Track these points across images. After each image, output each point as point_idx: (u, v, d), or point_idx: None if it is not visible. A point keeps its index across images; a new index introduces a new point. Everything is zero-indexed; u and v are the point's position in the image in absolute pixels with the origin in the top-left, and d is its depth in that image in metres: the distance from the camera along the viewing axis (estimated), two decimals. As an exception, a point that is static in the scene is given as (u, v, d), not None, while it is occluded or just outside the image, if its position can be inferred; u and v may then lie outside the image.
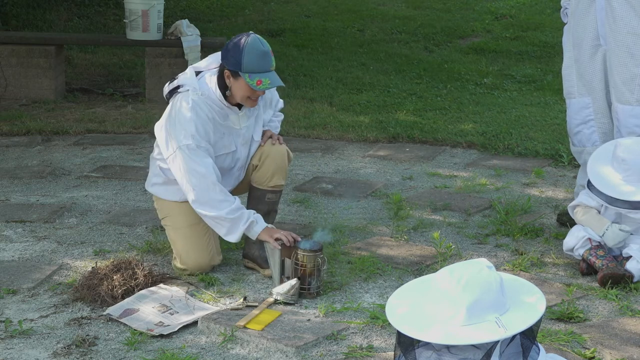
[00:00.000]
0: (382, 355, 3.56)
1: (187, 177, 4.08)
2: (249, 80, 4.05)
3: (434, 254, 4.51)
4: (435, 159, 6.36)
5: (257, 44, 4.07)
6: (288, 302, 3.97)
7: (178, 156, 4.08)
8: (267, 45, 4.11)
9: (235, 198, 4.15)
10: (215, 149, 4.20)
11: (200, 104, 4.12)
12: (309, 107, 7.56)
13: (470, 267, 2.40)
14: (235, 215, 4.10)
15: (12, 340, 3.66)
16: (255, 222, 4.13)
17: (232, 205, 4.10)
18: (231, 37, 4.19)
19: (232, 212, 4.09)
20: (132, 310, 3.87)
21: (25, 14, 10.58)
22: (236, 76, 4.09)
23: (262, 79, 4.06)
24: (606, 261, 4.25)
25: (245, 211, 4.13)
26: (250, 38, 4.08)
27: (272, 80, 4.10)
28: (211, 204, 4.09)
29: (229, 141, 4.26)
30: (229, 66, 4.09)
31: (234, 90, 4.13)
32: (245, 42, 4.06)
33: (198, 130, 4.09)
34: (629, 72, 4.56)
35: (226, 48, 4.13)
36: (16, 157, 6.27)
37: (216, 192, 4.08)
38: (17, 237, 4.77)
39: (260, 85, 4.06)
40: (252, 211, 4.18)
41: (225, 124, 4.22)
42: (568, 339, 3.68)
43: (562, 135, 6.57)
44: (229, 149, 4.27)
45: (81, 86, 8.35)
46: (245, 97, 4.15)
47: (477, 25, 11.10)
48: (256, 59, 4.05)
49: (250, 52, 4.05)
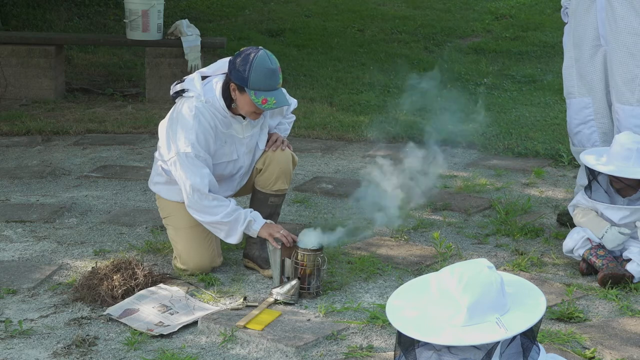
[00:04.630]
0: (382, 355, 3.56)
1: (183, 184, 4.10)
2: (254, 98, 4.02)
3: (434, 254, 4.51)
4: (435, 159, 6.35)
5: (266, 61, 4.02)
6: (288, 302, 3.97)
7: (177, 162, 4.10)
8: (275, 62, 4.06)
9: (231, 200, 4.15)
10: (216, 156, 4.20)
11: (203, 111, 4.11)
12: (309, 107, 7.56)
13: (471, 268, 2.40)
14: (231, 218, 4.10)
15: (12, 340, 3.66)
16: (254, 221, 4.14)
17: (227, 209, 4.10)
18: (241, 50, 4.12)
19: (228, 215, 4.10)
20: (132, 311, 3.87)
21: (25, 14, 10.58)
22: (242, 91, 4.06)
23: (268, 98, 4.03)
24: (606, 261, 4.26)
25: (241, 212, 4.13)
26: (259, 54, 4.03)
27: (278, 100, 4.06)
28: (205, 210, 4.11)
29: (230, 149, 4.24)
30: (236, 80, 4.06)
31: (239, 103, 4.11)
32: (254, 58, 4.02)
33: (198, 139, 4.08)
34: (629, 73, 4.56)
35: (233, 61, 4.08)
36: (16, 157, 6.27)
37: (209, 199, 4.09)
38: (17, 237, 4.77)
39: (265, 105, 4.03)
40: (248, 210, 4.18)
41: (228, 132, 4.21)
42: (568, 339, 3.68)
43: (562, 135, 6.57)
44: (231, 157, 4.26)
45: (81, 86, 8.34)
46: (250, 112, 4.14)
47: (477, 25, 11.10)
48: (263, 77, 4.00)
49: (257, 69, 4.01)
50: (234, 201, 4.16)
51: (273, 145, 4.36)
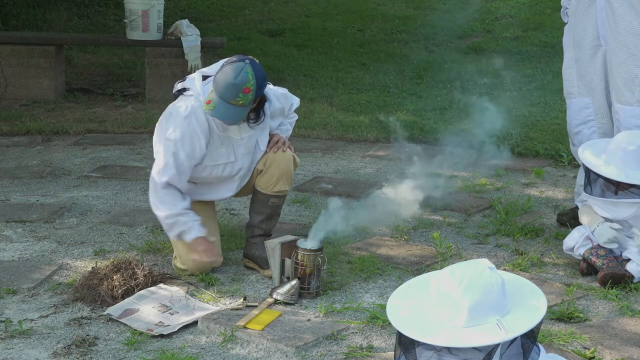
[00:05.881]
0: (382, 355, 3.56)
1: (156, 164, 4.17)
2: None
3: (434, 254, 4.51)
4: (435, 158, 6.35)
5: (235, 72, 3.94)
6: (288, 302, 3.97)
7: (160, 147, 4.17)
8: (243, 80, 3.93)
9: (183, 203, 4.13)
10: (212, 158, 4.20)
11: (198, 112, 4.10)
12: (309, 107, 7.56)
13: (471, 269, 2.39)
14: (169, 221, 4.15)
15: (12, 340, 3.66)
16: (187, 232, 4.14)
17: (172, 211, 4.12)
18: (239, 54, 4.12)
19: (169, 217, 4.14)
20: (132, 311, 3.87)
21: (25, 14, 10.57)
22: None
23: (212, 102, 3.97)
24: (607, 261, 4.26)
25: (180, 220, 4.13)
26: (237, 65, 3.98)
27: (218, 110, 3.97)
28: (157, 198, 4.16)
29: (227, 151, 4.23)
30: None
31: None
32: (231, 64, 4.00)
33: (183, 139, 4.09)
34: (629, 73, 4.56)
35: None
36: (16, 157, 6.27)
37: (164, 193, 4.13)
38: (17, 237, 4.77)
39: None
40: (190, 219, 4.14)
41: (224, 134, 4.19)
42: (568, 339, 3.68)
43: (562, 135, 6.57)
44: (228, 159, 4.25)
45: (81, 86, 8.34)
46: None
47: (477, 25, 11.09)
48: (223, 83, 3.95)
49: (223, 73, 3.98)
50: (184, 205, 4.14)
51: (274, 147, 4.35)
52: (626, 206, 4.29)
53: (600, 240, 4.35)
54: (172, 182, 4.14)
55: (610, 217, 4.36)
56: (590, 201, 4.42)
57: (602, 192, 4.33)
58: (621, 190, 4.30)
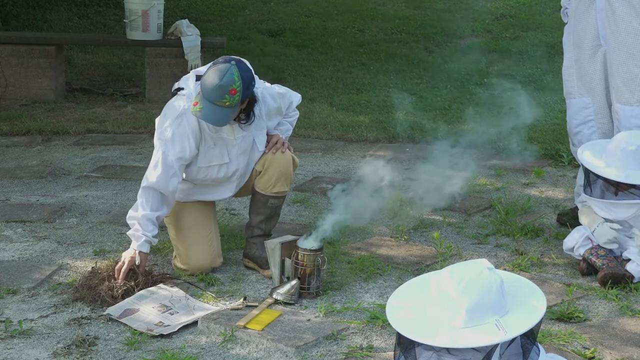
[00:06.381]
0: (382, 355, 3.56)
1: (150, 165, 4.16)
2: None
3: (434, 254, 4.51)
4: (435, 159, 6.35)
5: (220, 73, 3.92)
6: (288, 302, 3.97)
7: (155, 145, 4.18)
8: (229, 81, 3.91)
9: (149, 213, 4.10)
10: (205, 159, 4.19)
11: (189, 111, 4.07)
12: (309, 107, 7.56)
13: (470, 269, 2.39)
14: (130, 222, 4.14)
15: (12, 340, 3.66)
16: (135, 240, 4.10)
17: (134, 214, 4.12)
18: (225, 55, 4.10)
19: (130, 218, 4.14)
20: (132, 311, 3.87)
21: (25, 14, 10.57)
22: None
23: (199, 104, 3.96)
24: (607, 261, 4.25)
25: (135, 225, 4.10)
26: (221, 65, 3.96)
27: (205, 112, 3.95)
28: (139, 198, 4.15)
29: (220, 152, 4.20)
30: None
31: None
32: (215, 64, 3.99)
33: (173, 139, 4.09)
34: (629, 73, 4.56)
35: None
36: (16, 157, 6.27)
37: (140, 195, 4.13)
38: (17, 237, 4.77)
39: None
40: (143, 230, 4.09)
41: (217, 135, 4.17)
42: (568, 339, 3.68)
43: (562, 135, 6.56)
44: (222, 160, 4.22)
45: (81, 86, 8.34)
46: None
47: (477, 25, 11.09)
48: (209, 84, 3.94)
49: (209, 75, 3.97)
50: (149, 215, 4.11)
51: (273, 148, 4.32)
52: (626, 207, 4.30)
53: (600, 240, 4.35)
54: (157, 185, 4.10)
55: (611, 217, 4.36)
56: (590, 202, 4.42)
57: (602, 193, 4.33)
58: (621, 190, 4.30)
